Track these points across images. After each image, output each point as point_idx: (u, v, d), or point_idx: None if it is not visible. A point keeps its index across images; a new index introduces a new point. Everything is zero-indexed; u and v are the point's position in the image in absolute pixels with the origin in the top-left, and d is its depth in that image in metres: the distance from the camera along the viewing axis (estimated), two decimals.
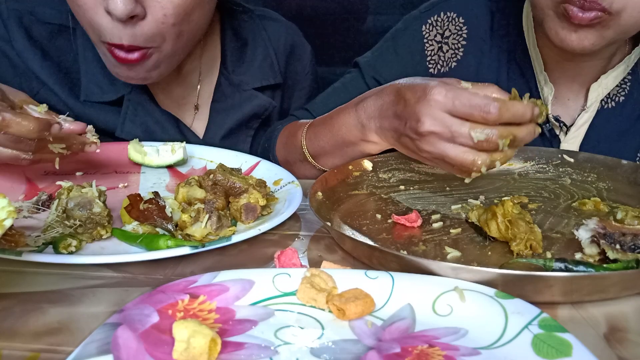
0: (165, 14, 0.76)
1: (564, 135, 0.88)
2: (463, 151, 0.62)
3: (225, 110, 0.97)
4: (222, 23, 0.99)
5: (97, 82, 0.89)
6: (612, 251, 0.55)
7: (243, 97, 0.97)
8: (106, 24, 0.75)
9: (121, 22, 0.74)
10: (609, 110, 0.87)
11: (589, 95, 0.86)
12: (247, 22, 1.00)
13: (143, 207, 0.62)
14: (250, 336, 0.43)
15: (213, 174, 0.70)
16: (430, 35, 0.93)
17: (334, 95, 0.95)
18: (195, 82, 0.97)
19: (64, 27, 0.88)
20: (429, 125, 0.62)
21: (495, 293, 0.46)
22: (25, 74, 0.88)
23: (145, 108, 0.90)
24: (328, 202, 0.69)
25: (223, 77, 0.97)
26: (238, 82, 0.97)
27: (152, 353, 0.39)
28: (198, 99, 0.97)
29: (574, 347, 0.40)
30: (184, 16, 0.78)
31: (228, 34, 0.98)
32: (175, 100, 0.96)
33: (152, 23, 0.76)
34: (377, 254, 0.55)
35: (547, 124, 0.87)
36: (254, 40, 1.00)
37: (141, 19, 0.75)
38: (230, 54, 0.98)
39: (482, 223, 0.62)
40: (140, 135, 0.89)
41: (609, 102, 0.87)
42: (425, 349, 0.41)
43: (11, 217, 0.46)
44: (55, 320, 0.47)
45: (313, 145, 0.81)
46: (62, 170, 0.75)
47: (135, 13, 0.74)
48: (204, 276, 0.49)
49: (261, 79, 0.99)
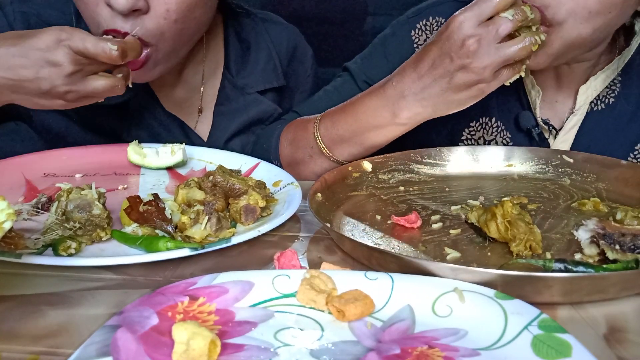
0: (168, 9, 0.76)
1: (553, 139, 0.88)
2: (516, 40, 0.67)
3: (229, 113, 0.97)
4: (225, 26, 0.99)
5: None
6: (611, 251, 0.55)
7: (247, 101, 0.97)
8: (106, 15, 0.75)
9: (123, 15, 0.74)
10: (598, 112, 0.86)
11: (578, 98, 0.85)
12: (250, 25, 1.01)
13: (142, 209, 0.62)
14: (250, 338, 0.43)
15: (212, 175, 0.70)
16: (420, 39, 0.93)
17: (325, 98, 0.95)
18: (199, 85, 0.97)
19: None
20: (473, 41, 0.66)
21: (494, 294, 0.46)
22: None
23: (150, 111, 0.91)
24: (327, 203, 0.69)
25: (226, 81, 0.97)
26: (242, 85, 0.97)
27: (151, 355, 0.39)
28: (201, 102, 0.97)
29: (574, 348, 0.40)
30: (186, 13, 0.78)
31: (231, 37, 0.98)
32: (178, 103, 0.96)
33: (154, 18, 0.76)
34: (376, 255, 0.55)
35: (537, 128, 0.86)
36: (256, 43, 1.00)
37: (143, 14, 0.75)
38: (234, 57, 0.98)
39: (482, 224, 0.62)
40: (145, 138, 0.90)
41: (598, 104, 0.86)
42: (425, 350, 0.41)
43: (10, 220, 0.46)
44: (54, 322, 0.47)
45: (329, 135, 0.80)
46: (62, 172, 0.75)
47: (138, 7, 0.74)
48: (203, 278, 0.49)
49: (264, 82, 0.99)
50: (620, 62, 0.85)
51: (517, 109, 0.89)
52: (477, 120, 0.92)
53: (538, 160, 0.81)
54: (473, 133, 0.92)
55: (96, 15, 0.76)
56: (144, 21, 0.76)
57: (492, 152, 0.82)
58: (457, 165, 0.81)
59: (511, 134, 0.90)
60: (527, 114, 0.87)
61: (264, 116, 0.98)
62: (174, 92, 0.95)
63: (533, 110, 0.87)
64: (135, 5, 0.73)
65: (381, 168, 0.79)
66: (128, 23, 0.75)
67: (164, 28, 0.77)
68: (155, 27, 0.77)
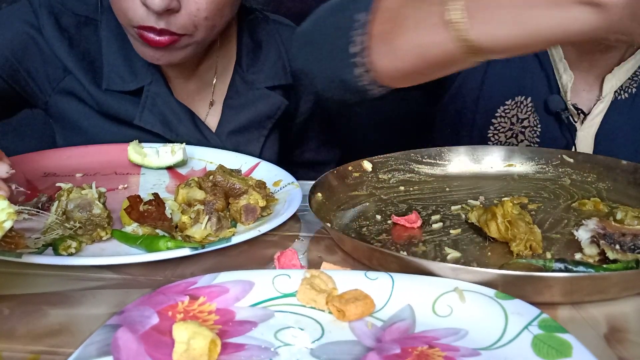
0: (198, 8, 0.80)
1: (581, 124, 0.89)
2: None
3: (238, 106, 1.00)
4: (240, 26, 1.02)
5: (118, 72, 0.92)
6: (611, 251, 0.55)
7: (256, 95, 1.00)
8: (140, 14, 0.79)
9: (157, 14, 0.78)
10: (622, 102, 0.88)
11: (604, 87, 0.87)
12: (263, 26, 1.04)
13: (143, 209, 0.62)
14: (250, 337, 0.43)
15: (213, 175, 0.70)
16: None
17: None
18: (211, 79, 1.00)
19: (90, 19, 0.92)
20: None
21: (495, 294, 0.46)
22: (52, 61, 0.91)
23: (163, 99, 0.94)
24: (327, 203, 0.69)
25: (237, 76, 1.00)
26: (251, 81, 1.00)
27: (152, 354, 0.39)
28: (213, 95, 1.00)
29: (574, 348, 0.40)
30: (216, 11, 0.82)
31: (244, 37, 1.02)
32: (191, 95, 0.99)
33: (186, 16, 0.80)
34: (377, 254, 0.55)
35: (566, 111, 0.88)
36: (268, 43, 1.03)
37: (176, 12, 0.79)
38: (245, 55, 1.01)
39: (482, 224, 0.62)
40: (157, 124, 0.92)
41: (622, 93, 0.88)
42: (425, 349, 0.41)
43: (11, 219, 0.46)
44: (55, 321, 0.47)
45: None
46: (62, 171, 0.75)
47: (171, 7, 0.77)
48: (203, 277, 0.49)
49: (273, 78, 1.02)
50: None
51: (546, 93, 0.90)
52: (512, 99, 0.92)
53: (538, 160, 0.81)
54: (508, 111, 0.93)
55: (129, 10, 0.79)
56: (176, 19, 0.79)
57: (492, 152, 0.82)
58: (458, 165, 0.81)
59: (540, 116, 0.91)
60: (557, 97, 0.88)
61: (272, 110, 1.01)
62: (187, 85, 0.98)
63: (563, 94, 0.88)
64: (169, 5, 0.77)
65: (381, 168, 0.79)
66: (162, 20, 0.79)
67: (196, 22, 0.81)
68: (188, 23, 0.80)
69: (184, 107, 0.96)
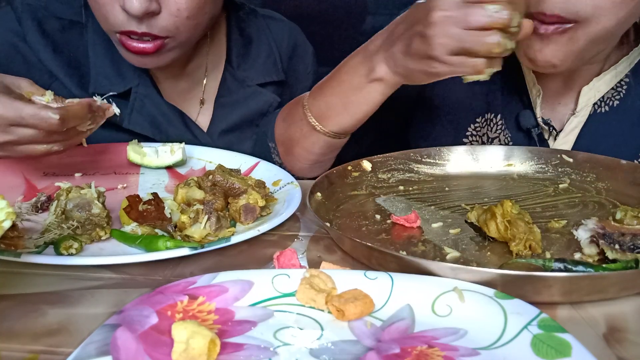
0: (179, 8, 0.79)
1: (553, 140, 0.86)
2: (482, 33, 0.61)
3: (229, 105, 0.99)
4: (229, 22, 1.01)
5: (105, 74, 0.91)
6: (611, 251, 0.55)
7: (247, 93, 1.00)
8: (121, 19, 0.78)
9: (137, 18, 0.77)
10: (602, 115, 0.84)
11: (580, 100, 0.84)
12: (253, 21, 1.03)
13: (142, 208, 0.62)
14: (250, 337, 0.43)
15: (212, 174, 0.70)
16: None
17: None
18: (201, 78, 0.99)
19: (75, 23, 0.92)
20: (441, 14, 0.62)
21: (494, 293, 0.46)
22: (37, 68, 0.90)
23: (152, 100, 0.93)
24: (327, 203, 0.69)
25: (228, 73, 1.00)
26: (242, 78, 0.99)
27: (151, 354, 0.39)
28: (204, 94, 0.99)
29: (573, 348, 0.40)
30: (197, 9, 0.81)
31: (234, 33, 1.01)
32: (180, 94, 0.98)
33: (167, 17, 0.79)
34: (376, 254, 0.55)
35: (537, 128, 0.85)
36: (258, 38, 1.02)
37: (156, 14, 0.78)
38: (236, 51, 1.00)
39: (482, 223, 0.62)
40: (146, 126, 0.92)
41: (602, 106, 0.84)
42: (425, 349, 0.41)
43: (10, 219, 0.46)
44: (54, 321, 0.47)
45: (317, 104, 0.79)
46: (61, 171, 0.75)
47: (151, 10, 0.76)
48: (203, 277, 0.49)
49: (264, 75, 1.01)
50: (630, 62, 0.83)
51: (519, 108, 0.88)
52: (482, 116, 0.91)
53: (538, 160, 0.81)
54: (478, 129, 0.92)
55: (110, 16, 0.79)
56: (157, 21, 0.78)
57: (492, 151, 0.82)
58: (457, 165, 0.81)
59: (512, 133, 0.89)
60: (528, 113, 0.86)
61: (264, 107, 1.00)
62: (177, 84, 0.97)
63: (534, 109, 0.86)
64: (149, 9, 0.76)
65: (381, 167, 0.79)
66: (143, 24, 0.78)
67: (178, 24, 0.80)
68: (169, 24, 0.79)
69: (174, 107, 0.95)
